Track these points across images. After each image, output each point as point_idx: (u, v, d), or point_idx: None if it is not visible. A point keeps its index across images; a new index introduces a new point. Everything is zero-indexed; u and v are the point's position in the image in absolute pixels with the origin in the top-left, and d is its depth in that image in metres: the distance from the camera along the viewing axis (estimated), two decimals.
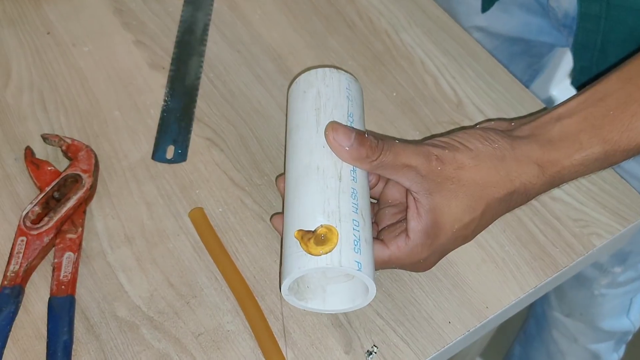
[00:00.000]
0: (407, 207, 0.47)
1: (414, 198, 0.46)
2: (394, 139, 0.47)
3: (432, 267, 0.49)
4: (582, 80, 0.71)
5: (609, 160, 0.47)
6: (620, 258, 0.87)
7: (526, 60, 0.88)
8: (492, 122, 0.51)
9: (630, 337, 1.06)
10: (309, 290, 0.49)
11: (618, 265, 0.87)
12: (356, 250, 0.43)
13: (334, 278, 0.49)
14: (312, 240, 0.43)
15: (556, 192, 0.58)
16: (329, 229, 0.43)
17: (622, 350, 1.09)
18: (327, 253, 0.42)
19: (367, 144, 0.45)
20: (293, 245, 0.44)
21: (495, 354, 1.34)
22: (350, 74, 0.53)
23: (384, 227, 0.50)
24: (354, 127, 0.49)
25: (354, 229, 0.44)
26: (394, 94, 0.65)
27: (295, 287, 0.47)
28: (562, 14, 0.69)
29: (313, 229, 0.43)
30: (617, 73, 0.48)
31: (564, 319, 1.01)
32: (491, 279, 0.54)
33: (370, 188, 0.51)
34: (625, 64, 0.48)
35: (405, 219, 0.47)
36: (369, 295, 0.46)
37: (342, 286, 0.49)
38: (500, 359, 1.33)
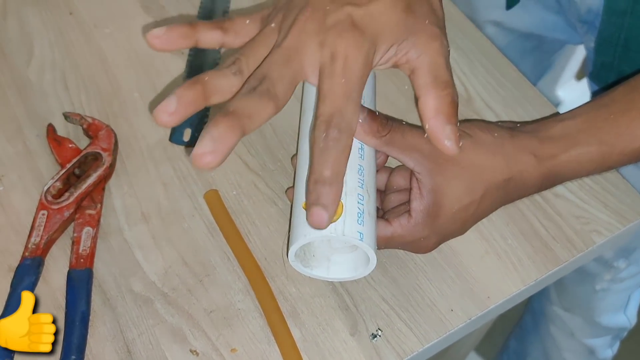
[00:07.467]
0: (410, 189, 0.49)
1: (417, 179, 0.48)
2: (401, 121, 0.49)
3: (432, 249, 0.52)
4: (603, 76, 0.73)
5: (605, 163, 0.50)
6: (625, 253, 0.88)
7: (537, 56, 0.90)
8: (498, 123, 0.53)
9: (625, 334, 1.08)
10: (314, 258, 0.51)
11: (623, 260, 0.88)
12: (359, 222, 0.45)
13: (339, 249, 0.51)
14: None
15: (559, 189, 0.60)
16: None
17: (616, 347, 1.11)
18: (332, 223, 0.44)
19: (378, 120, 0.47)
20: (301, 215, 0.46)
21: (490, 350, 1.36)
22: None
23: (389, 210, 0.52)
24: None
25: (358, 202, 0.46)
26: (406, 87, 0.67)
27: (301, 255, 0.50)
28: (585, 10, 0.71)
29: None
30: (624, 84, 0.51)
31: (562, 313, 1.03)
32: (493, 270, 0.56)
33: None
34: (634, 78, 0.51)
35: (408, 200, 0.50)
36: (369, 265, 0.48)
37: (346, 257, 0.51)
38: (495, 353, 1.35)
